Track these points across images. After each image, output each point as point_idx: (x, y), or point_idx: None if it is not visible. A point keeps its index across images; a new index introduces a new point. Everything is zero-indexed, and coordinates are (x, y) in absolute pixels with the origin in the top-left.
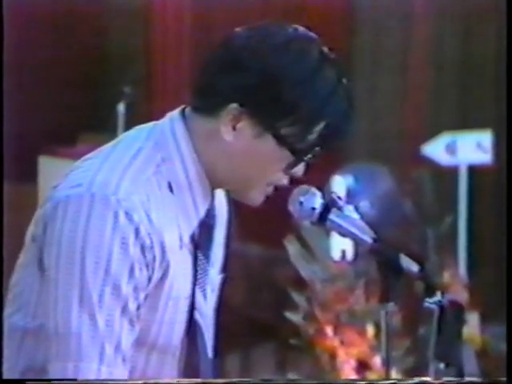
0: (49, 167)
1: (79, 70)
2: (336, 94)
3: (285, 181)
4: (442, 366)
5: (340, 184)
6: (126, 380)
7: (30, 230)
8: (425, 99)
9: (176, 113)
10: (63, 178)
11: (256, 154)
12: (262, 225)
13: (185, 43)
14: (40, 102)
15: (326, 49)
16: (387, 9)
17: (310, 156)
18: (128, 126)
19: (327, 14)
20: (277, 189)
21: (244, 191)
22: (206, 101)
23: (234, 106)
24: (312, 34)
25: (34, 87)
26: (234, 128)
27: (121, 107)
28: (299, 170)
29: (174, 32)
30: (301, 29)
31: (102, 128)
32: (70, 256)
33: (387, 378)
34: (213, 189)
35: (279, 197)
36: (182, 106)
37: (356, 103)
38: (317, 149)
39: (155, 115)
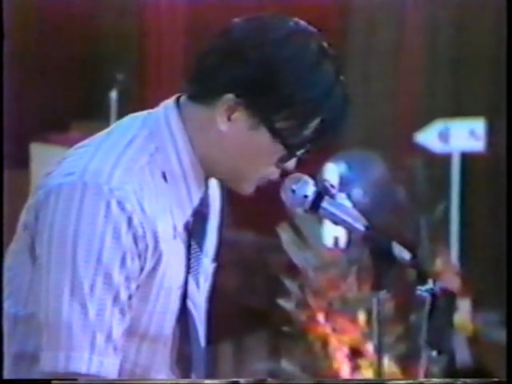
0: (40, 154)
1: (72, 58)
2: (333, 90)
3: (276, 174)
4: (434, 353)
5: (333, 171)
6: (125, 380)
7: (22, 218)
8: (418, 87)
9: (171, 101)
10: (56, 166)
11: (249, 146)
12: (254, 212)
13: (178, 31)
14: (32, 88)
15: (325, 44)
16: None
17: (302, 151)
18: (120, 113)
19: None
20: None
21: (236, 181)
22: (203, 89)
23: (231, 96)
24: (312, 29)
25: (27, 74)
26: (229, 118)
27: (113, 94)
28: (290, 164)
29: (168, 19)
30: (301, 22)
31: (94, 115)
32: (61, 245)
33: (380, 366)
34: (207, 177)
35: (272, 185)
36: (177, 95)
37: (350, 91)
38: (310, 144)
39: (148, 102)
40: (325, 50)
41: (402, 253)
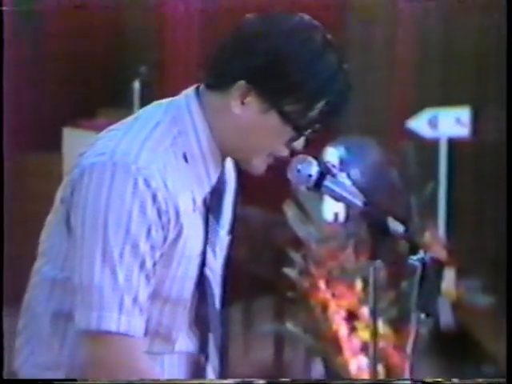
0: (72, 138)
1: (100, 53)
2: (336, 77)
3: (286, 153)
4: (422, 316)
5: (333, 154)
6: (127, 380)
7: (59, 193)
8: (410, 79)
9: (191, 90)
10: (89, 147)
11: (261, 128)
12: (263, 191)
13: (194, 29)
14: (65, 80)
15: (328, 36)
16: None
17: (309, 131)
18: (142, 101)
19: None
20: (277, 159)
21: (248, 160)
22: (218, 79)
23: (243, 82)
24: (316, 22)
25: (60, 67)
26: (242, 103)
27: (136, 85)
28: (299, 143)
29: (185, 19)
30: (306, 17)
31: (119, 103)
32: (94, 217)
33: (375, 328)
34: (223, 158)
35: (279, 165)
36: (196, 84)
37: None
38: (316, 125)
39: (166, 91)
40: (328, 41)
41: (396, 226)
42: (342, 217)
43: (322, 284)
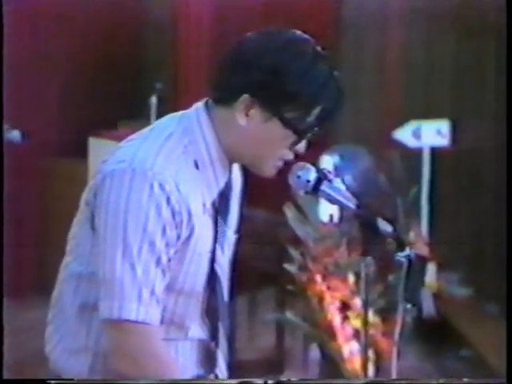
0: (96, 146)
1: (121, 71)
2: (329, 84)
3: (290, 156)
4: (408, 306)
5: (328, 162)
6: (125, 380)
7: (84, 196)
8: (396, 95)
9: (201, 104)
10: (111, 155)
11: (265, 135)
12: (266, 194)
13: (204, 49)
14: (90, 95)
15: (319, 48)
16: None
17: (309, 135)
18: (159, 114)
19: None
20: (285, 163)
21: (257, 165)
22: (224, 93)
23: (246, 96)
24: (307, 36)
25: (84, 86)
26: (246, 114)
27: (153, 99)
28: (301, 147)
29: (196, 41)
30: (298, 32)
31: (138, 116)
32: (115, 218)
33: (366, 317)
34: (230, 164)
35: (280, 172)
36: (206, 99)
37: (343, 85)
38: (315, 129)
39: (180, 105)
40: (319, 53)
41: (385, 226)
42: (336, 218)
43: (318, 278)
